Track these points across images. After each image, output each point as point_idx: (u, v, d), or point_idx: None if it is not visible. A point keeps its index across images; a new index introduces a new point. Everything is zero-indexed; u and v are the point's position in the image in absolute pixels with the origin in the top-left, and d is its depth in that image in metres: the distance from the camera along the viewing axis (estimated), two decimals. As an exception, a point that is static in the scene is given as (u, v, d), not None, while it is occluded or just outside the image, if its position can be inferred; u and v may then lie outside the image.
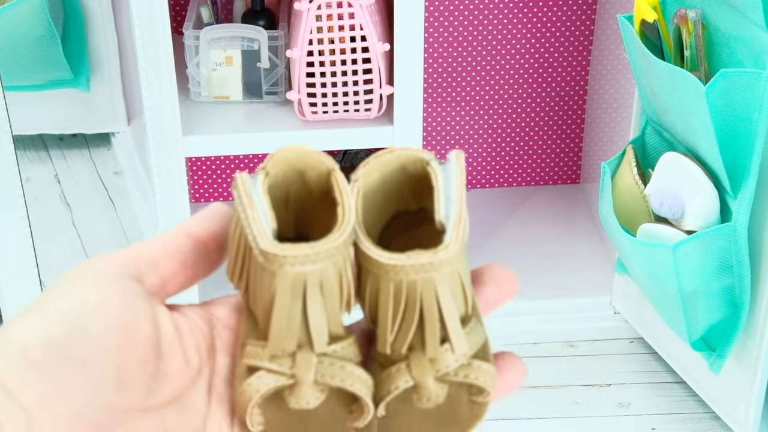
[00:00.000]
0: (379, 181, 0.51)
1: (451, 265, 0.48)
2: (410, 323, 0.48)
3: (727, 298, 1.47)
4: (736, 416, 1.59)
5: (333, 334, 0.49)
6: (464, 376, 0.49)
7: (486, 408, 0.50)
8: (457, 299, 0.49)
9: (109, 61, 2.06)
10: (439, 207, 0.49)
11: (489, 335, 0.51)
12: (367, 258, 0.48)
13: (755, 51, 1.30)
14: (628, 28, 1.43)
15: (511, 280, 0.53)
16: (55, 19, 1.93)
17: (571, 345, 1.85)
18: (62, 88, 2.06)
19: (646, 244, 1.45)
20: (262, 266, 0.47)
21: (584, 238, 2.00)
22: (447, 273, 0.48)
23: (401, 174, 0.51)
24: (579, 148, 2.10)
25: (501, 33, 1.96)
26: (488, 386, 0.50)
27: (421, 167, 0.51)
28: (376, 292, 0.49)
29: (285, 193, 0.51)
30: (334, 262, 0.47)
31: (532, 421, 1.71)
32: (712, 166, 1.39)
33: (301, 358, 0.48)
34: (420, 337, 0.49)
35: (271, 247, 0.47)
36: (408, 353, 0.49)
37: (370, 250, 0.48)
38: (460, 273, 0.49)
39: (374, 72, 1.58)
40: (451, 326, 0.49)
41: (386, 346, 0.49)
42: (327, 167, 0.50)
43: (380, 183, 0.51)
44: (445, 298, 0.48)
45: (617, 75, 1.88)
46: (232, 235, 0.50)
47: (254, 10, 1.70)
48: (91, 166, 2.17)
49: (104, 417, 0.44)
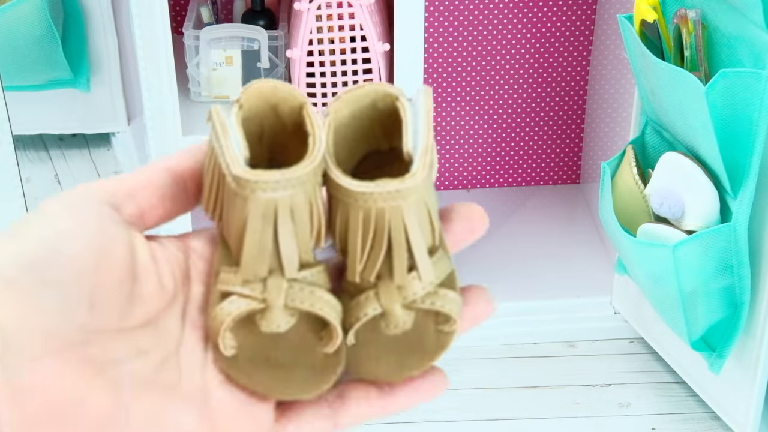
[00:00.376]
0: (349, 116, 0.52)
1: (418, 193, 0.49)
2: (378, 252, 0.50)
3: (727, 298, 1.47)
4: (736, 416, 1.59)
5: (303, 261, 0.50)
6: (431, 303, 0.50)
7: (452, 337, 0.51)
8: (424, 229, 0.50)
9: (109, 61, 2.06)
10: (407, 139, 0.50)
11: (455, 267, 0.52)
12: (336, 187, 0.49)
13: (755, 51, 1.30)
14: (628, 28, 1.43)
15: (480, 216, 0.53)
16: (55, 19, 1.93)
17: (571, 345, 1.85)
18: (62, 88, 2.06)
19: (646, 244, 1.45)
20: (234, 192, 0.48)
21: (584, 238, 2.00)
22: (414, 201, 0.49)
23: (371, 110, 0.52)
24: (579, 148, 2.10)
25: (501, 33, 1.96)
26: (454, 314, 0.51)
27: (391, 102, 0.52)
28: (345, 221, 0.50)
29: (259, 126, 0.52)
30: (305, 190, 0.49)
31: (532, 421, 1.71)
32: (712, 166, 1.39)
33: (272, 283, 0.49)
34: (388, 265, 0.50)
35: (243, 173, 0.48)
36: (376, 282, 0.50)
37: (340, 178, 0.49)
38: (427, 203, 0.50)
39: (374, 72, 1.58)
40: (418, 254, 0.50)
41: (355, 275, 0.50)
42: (299, 101, 0.51)
43: (351, 119, 0.52)
44: (412, 227, 0.49)
45: (617, 75, 1.88)
46: (206, 166, 0.51)
47: (254, 10, 1.70)
48: (91, 166, 2.17)
49: (78, 336, 0.46)
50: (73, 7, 2.00)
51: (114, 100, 2.10)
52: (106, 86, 2.08)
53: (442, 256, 0.51)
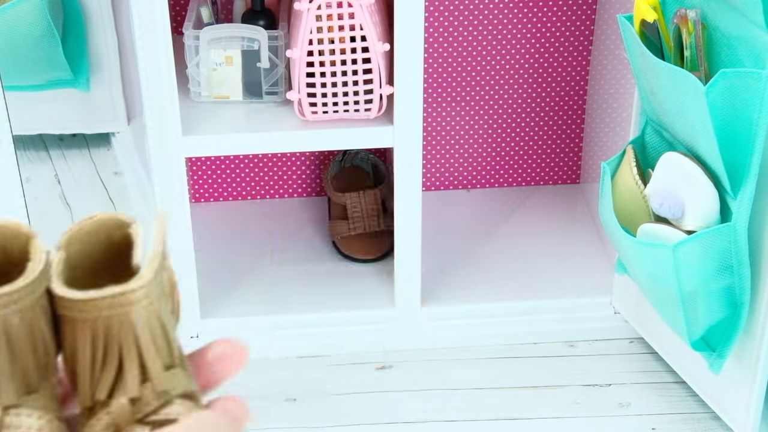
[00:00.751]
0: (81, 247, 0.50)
1: (147, 298, 0.47)
2: (110, 366, 0.47)
3: (727, 298, 1.47)
4: (736, 416, 1.59)
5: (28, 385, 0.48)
6: (165, 415, 0.48)
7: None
8: (158, 342, 0.48)
9: (109, 61, 2.06)
10: (137, 253, 0.49)
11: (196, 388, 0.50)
12: (60, 301, 0.47)
13: (755, 51, 1.30)
14: (628, 28, 1.43)
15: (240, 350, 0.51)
16: (55, 19, 1.93)
17: (571, 345, 1.85)
18: (62, 88, 2.06)
19: (646, 244, 1.45)
20: None
21: (584, 238, 2.00)
22: (144, 307, 0.47)
23: (105, 240, 0.51)
24: (579, 148, 2.10)
25: (501, 33, 1.96)
26: None
27: (124, 231, 0.51)
28: (73, 341, 0.48)
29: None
30: (19, 309, 0.47)
31: (532, 421, 1.71)
32: (712, 166, 1.39)
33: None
34: (120, 379, 0.48)
35: None
36: (108, 400, 0.48)
37: (62, 290, 0.47)
38: (160, 318, 0.48)
39: (374, 72, 1.58)
40: (150, 363, 0.48)
41: (87, 398, 0.48)
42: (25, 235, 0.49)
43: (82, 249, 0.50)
44: (143, 333, 0.47)
45: (617, 75, 1.88)
46: None
47: (254, 10, 1.70)
48: (91, 166, 2.17)
49: None
50: (73, 7, 2.00)
51: (114, 100, 2.10)
52: (106, 86, 2.08)
53: (180, 372, 0.49)
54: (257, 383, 1.77)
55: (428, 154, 2.08)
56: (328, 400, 1.74)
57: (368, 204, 1.95)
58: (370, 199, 1.95)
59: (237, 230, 2.02)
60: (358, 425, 1.70)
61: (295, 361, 1.81)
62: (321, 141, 1.66)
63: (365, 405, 1.74)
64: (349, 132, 1.65)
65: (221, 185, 2.09)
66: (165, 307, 0.49)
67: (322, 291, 1.87)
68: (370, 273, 1.91)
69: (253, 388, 1.76)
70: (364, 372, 1.80)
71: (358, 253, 1.93)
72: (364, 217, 1.94)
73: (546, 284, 1.88)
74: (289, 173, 2.09)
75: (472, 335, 1.83)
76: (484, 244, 1.98)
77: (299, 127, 1.64)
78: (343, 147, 1.85)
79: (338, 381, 1.78)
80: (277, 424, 1.70)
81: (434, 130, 2.05)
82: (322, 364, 1.81)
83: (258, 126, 1.65)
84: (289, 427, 1.70)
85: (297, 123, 1.65)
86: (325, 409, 1.73)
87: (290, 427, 1.70)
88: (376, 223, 1.94)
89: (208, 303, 1.81)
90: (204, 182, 2.08)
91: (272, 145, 1.67)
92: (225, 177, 2.08)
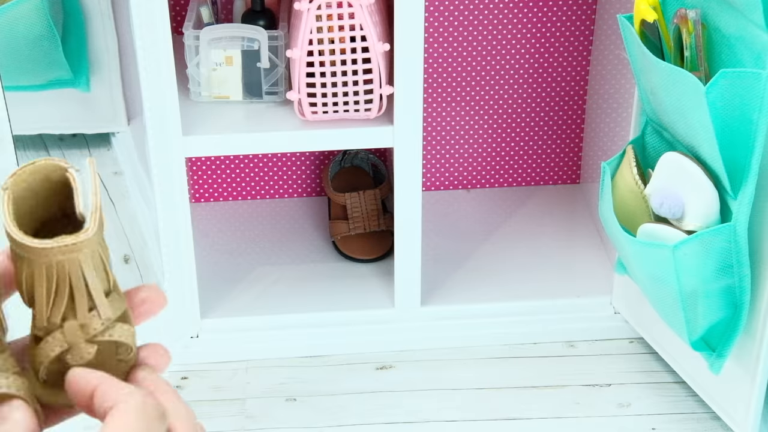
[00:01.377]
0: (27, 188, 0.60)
1: (91, 246, 0.58)
2: (62, 298, 0.59)
3: (727, 298, 1.47)
4: (736, 416, 1.59)
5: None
6: (109, 335, 0.60)
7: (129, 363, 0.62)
8: (100, 275, 0.60)
9: (109, 61, 2.06)
10: (79, 202, 0.60)
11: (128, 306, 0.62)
12: (20, 245, 0.58)
13: (755, 51, 1.30)
14: (628, 28, 1.43)
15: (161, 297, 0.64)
16: (55, 19, 1.93)
17: (571, 345, 1.85)
18: (62, 88, 2.06)
19: (646, 244, 1.45)
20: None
21: (584, 238, 2.00)
22: (89, 252, 0.58)
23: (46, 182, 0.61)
24: (579, 148, 2.10)
25: (501, 33, 1.96)
26: (130, 342, 0.61)
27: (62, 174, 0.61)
28: (31, 275, 0.59)
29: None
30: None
31: (532, 421, 1.71)
32: (712, 166, 1.39)
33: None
34: (72, 308, 0.59)
35: None
36: (62, 323, 0.60)
37: (23, 238, 0.58)
38: (101, 254, 0.60)
39: (374, 72, 1.58)
40: (96, 296, 0.60)
41: (44, 320, 0.60)
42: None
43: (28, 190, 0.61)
44: (89, 274, 0.59)
45: (617, 75, 1.88)
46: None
47: (254, 10, 1.70)
48: (91, 166, 2.16)
49: None
50: (73, 7, 2.00)
51: (114, 100, 2.10)
52: (106, 86, 2.08)
53: (117, 297, 0.61)
54: (257, 383, 1.77)
55: (428, 154, 2.08)
56: (328, 400, 1.74)
57: (368, 204, 1.95)
58: (370, 199, 1.95)
59: (237, 230, 2.02)
60: (358, 425, 1.70)
61: (295, 361, 1.81)
62: (321, 141, 1.66)
63: (365, 405, 1.74)
64: (349, 132, 1.65)
65: (221, 185, 2.09)
66: (104, 245, 0.60)
67: (322, 291, 1.87)
68: (370, 273, 1.91)
69: (253, 388, 1.76)
70: (364, 372, 1.80)
71: (358, 253, 1.93)
72: (364, 217, 1.94)
73: (546, 284, 1.88)
74: (289, 173, 2.09)
75: (472, 335, 1.83)
76: (484, 244, 1.98)
77: (299, 127, 1.64)
78: (343, 147, 1.85)
79: (338, 381, 1.78)
80: (277, 424, 1.70)
81: (434, 130, 2.05)
82: (322, 364, 1.81)
83: (258, 126, 1.66)
84: (289, 427, 1.70)
85: (297, 123, 1.65)
86: (325, 409, 1.73)
87: (290, 427, 1.70)
88: (376, 223, 1.94)
89: (208, 303, 1.81)
90: (204, 182, 2.08)
91: (272, 145, 1.67)
92: (225, 177, 2.08)
